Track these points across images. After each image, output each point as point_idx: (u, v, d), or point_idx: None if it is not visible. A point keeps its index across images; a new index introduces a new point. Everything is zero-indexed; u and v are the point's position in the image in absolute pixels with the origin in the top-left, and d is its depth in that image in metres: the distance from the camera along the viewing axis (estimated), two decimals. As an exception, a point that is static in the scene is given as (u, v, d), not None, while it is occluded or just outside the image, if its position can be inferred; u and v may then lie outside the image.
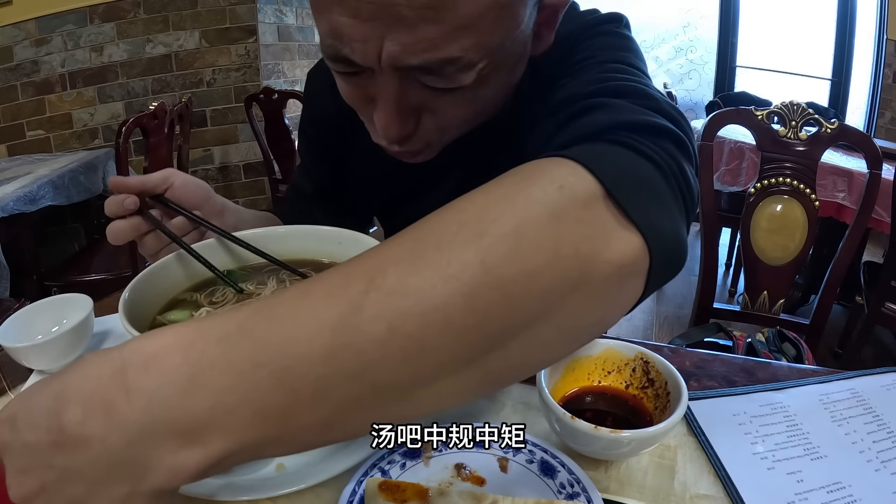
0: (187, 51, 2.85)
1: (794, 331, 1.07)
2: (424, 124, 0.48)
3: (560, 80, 0.49)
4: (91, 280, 1.89)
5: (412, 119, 0.47)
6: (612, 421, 0.48)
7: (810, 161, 1.13)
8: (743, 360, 0.62)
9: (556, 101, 0.46)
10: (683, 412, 0.43)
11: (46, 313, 0.62)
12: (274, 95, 2.81)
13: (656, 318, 2.47)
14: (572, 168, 0.31)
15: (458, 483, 0.44)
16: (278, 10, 3.07)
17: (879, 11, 3.23)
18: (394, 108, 0.44)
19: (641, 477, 0.45)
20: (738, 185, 2.23)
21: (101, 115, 2.78)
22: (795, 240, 1.16)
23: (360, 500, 0.41)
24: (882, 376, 0.57)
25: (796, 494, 0.43)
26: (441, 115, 0.47)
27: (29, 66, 2.58)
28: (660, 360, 0.49)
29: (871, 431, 0.49)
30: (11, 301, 1.62)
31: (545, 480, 0.43)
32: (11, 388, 0.57)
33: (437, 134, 0.50)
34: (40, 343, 0.56)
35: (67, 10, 2.57)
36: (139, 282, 0.51)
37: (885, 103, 3.25)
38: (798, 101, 1.13)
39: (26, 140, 2.66)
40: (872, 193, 1.10)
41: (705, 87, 3.88)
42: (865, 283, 1.80)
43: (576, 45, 0.51)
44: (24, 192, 1.84)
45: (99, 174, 2.35)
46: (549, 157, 0.33)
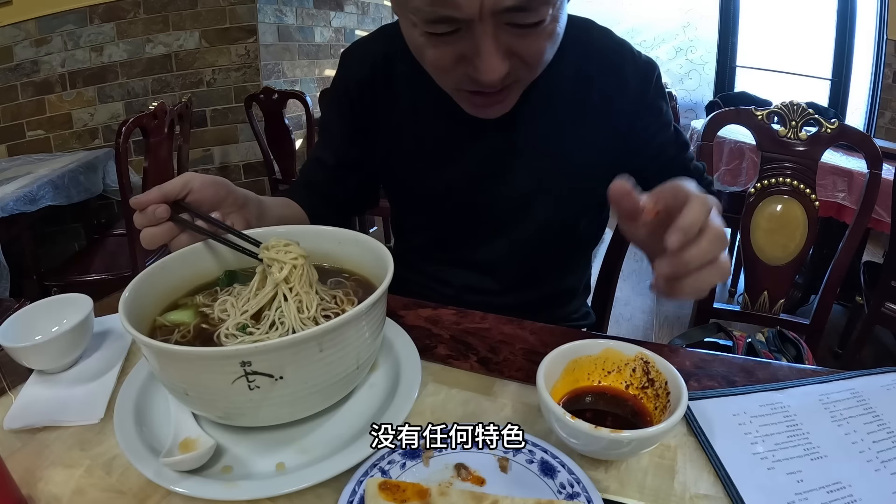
0: (187, 51, 2.85)
1: (794, 331, 1.07)
2: (514, 65, 0.58)
3: (650, 109, 0.75)
4: (91, 280, 1.89)
5: (507, 60, 0.57)
6: (612, 421, 0.48)
7: (810, 161, 1.13)
8: (743, 360, 0.62)
9: (662, 128, 0.76)
10: (683, 412, 0.43)
11: (46, 313, 0.62)
12: (274, 95, 2.81)
13: (656, 318, 2.47)
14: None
15: (458, 483, 0.44)
16: (278, 10, 3.07)
17: (879, 11, 3.23)
18: (494, 49, 0.55)
19: (641, 477, 0.45)
20: (738, 185, 2.23)
21: (101, 115, 2.78)
22: (795, 240, 1.16)
23: (360, 500, 0.41)
24: (882, 376, 0.57)
25: (796, 494, 0.43)
26: (526, 54, 0.58)
27: (29, 66, 2.58)
28: (660, 360, 0.49)
29: (871, 431, 0.49)
30: (11, 301, 1.62)
31: (545, 480, 0.43)
32: (11, 388, 0.57)
33: (524, 71, 0.61)
34: (40, 343, 0.56)
35: (67, 10, 2.57)
36: (139, 282, 0.51)
37: (885, 103, 3.25)
38: (798, 101, 1.13)
39: (26, 140, 2.66)
40: (872, 193, 1.10)
41: (705, 87, 3.89)
42: (865, 283, 1.80)
43: (642, 82, 0.73)
44: (24, 192, 1.84)
45: (99, 174, 2.35)
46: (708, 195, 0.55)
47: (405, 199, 0.87)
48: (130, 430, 0.48)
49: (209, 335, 0.51)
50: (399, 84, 0.77)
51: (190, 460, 0.43)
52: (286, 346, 0.41)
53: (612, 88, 0.72)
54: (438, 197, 0.80)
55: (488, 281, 0.84)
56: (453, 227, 0.82)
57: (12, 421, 0.51)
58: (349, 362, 0.46)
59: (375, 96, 0.78)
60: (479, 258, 0.83)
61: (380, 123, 0.79)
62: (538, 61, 0.60)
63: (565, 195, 0.77)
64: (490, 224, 0.80)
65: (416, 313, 0.70)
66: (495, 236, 0.81)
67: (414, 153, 0.79)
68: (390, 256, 0.53)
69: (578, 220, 0.82)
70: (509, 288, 0.84)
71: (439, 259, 0.86)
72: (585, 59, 0.72)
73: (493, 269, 0.83)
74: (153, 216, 0.55)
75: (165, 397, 0.51)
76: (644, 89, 0.74)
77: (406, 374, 0.54)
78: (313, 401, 0.47)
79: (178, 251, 0.57)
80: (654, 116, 0.76)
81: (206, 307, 0.55)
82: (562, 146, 0.74)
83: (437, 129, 0.76)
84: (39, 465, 0.47)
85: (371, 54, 0.78)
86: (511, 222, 0.79)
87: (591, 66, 0.72)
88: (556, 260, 0.86)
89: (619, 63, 0.73)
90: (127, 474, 0.46)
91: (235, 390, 0.42)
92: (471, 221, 0.80)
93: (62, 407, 0.54)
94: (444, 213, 0.81)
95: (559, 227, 0.80)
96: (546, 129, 0.74)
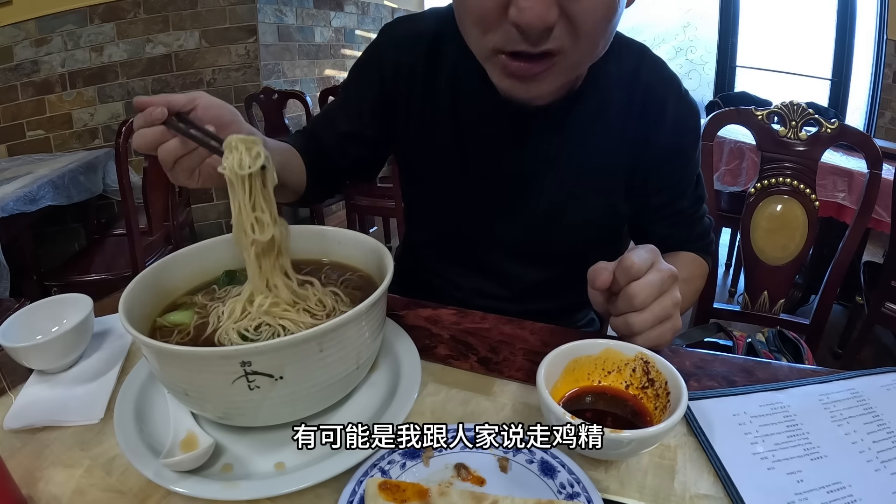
0: (187, 51, 2.85)
1: (794, 331, 1.07)
2: (561, 28, 0.54)
3: (680, 154, 0.76)
4: (91, 280, 1.89)
5: (553, 9, 0.52)
6: (613, 421, 0.48)
7: (810, 161, 1.13)
8: (743, 360, 0.62)
9: (685, 176, 0.78)
10: (683, 412, 0.43)
11: (46, 313, 0.62)
12: (274, 95, 2.82)
13: (656, 318, 2.46)
14: (706, 264, 0.84)
15: (458, 483, 0.44)
16: (278, 10, 3.07)
17: (879, 11, 3.23)
18: None
19: (641, 477, 0.45)
20: (738, 185, 2.23)
21: (101, 115, 2.78)
22: (795, 240, 1.16)
23: (360, 500, 0.41)
24: (882, 376, 0.57)
25: (796, 494, 0.43)
26: (577, 14, 0.53)
27: (29, 66, 2.58)
28: (660, 360, 0.49)
29: (871, 431, 0.49)
30: (11, 301, 1.62)
31: (545, 480, 0.43)
32: (11, 388, 0.57)
33: (570, 40, 0.55)
34: (40, 343, 0.56)
35: (67, 10, 2.57)
36: (139, 282, 0.51)
37: (885, 103, 3.25)
38: (798, 101, 1.13)
39: (26, 140, 2.66)
40: (872, 193, 1.10)
41: (705, 87, 3.88)
42: (865, 283, 1.80)
43: (680, 123, 0.73)
44: (24, 192, 1.84)
45: (99, 174, 2.35)
46: (703, 257, 0.84)
47: (425, 193, 0.84)
48: (130, 430, 0.48)
49: (209, 335, 0.51)
50: (441, 79, 0.74)
51: (189, 460, 0.43)
52: (286, 346, 0.41)
53: (651, 121, 0.71)
54: (462, 198, 0.78)
55: (499, 287, 0.82)
56: (469, 230, 0.80)
57: (12, 421, 0.51)
58: (349, 362, 0.46)
59: (413, 84, 0.74)
60: (491, 263, 0.81)
61: (411, 113, 0.76)
62: (588, 31, 0.55)
63: (591, 212, 0.76)
64: (509, 231, 0.78)
65: (416, 313, 0.70)
66: (512, 244, 0.79)
67: (446, 151, 0.76)
68: (390, 256, 0.53)
69: (597, 240, 0.80)
70: (520, 297, 0.82)
71: (448, 259, 0.84)
72: (633, 85, 0.71)
73: (504, 276, 0.81)
74: (150, 116, 0.54)
75: (165, 397, 0.51)
76: (680, 131, 0.73)
77: (406, 374, 0.54)
78: (313, 401, 0.47)
79: (177, 252, 0.57)
80: (681, 162, 0.76)
81: (206, 307, 0.55)
82: (594, 162, 0.73)
83: (479, 131, 0.74)
84: (39, 465, 0.47)
85: (416, 36, 0.74)
86: (531, 233, 0.77)
87: (636, 92, 0.71)
88: (570, 275, 0.81)
89: (662, 98, 0.72)
90: (127, 474, 0.46)
91: (235, 390, 0.42)
92: (488, 226, 0.78)
93: (62, 407, 0.54)
94: (463, 214, 0.79)
95: (580, 244, 0.78)
96: (585, 142, 0.72)
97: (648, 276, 0.53)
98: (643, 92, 0.71)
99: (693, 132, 0.76)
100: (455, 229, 0.82)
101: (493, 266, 0.81)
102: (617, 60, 0.70)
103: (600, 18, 0.54)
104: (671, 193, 0.77)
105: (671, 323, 0.55)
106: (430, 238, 0.87)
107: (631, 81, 0.71)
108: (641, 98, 0.71)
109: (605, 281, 0.54)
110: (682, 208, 0.78)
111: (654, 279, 0.53)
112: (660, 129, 0.72)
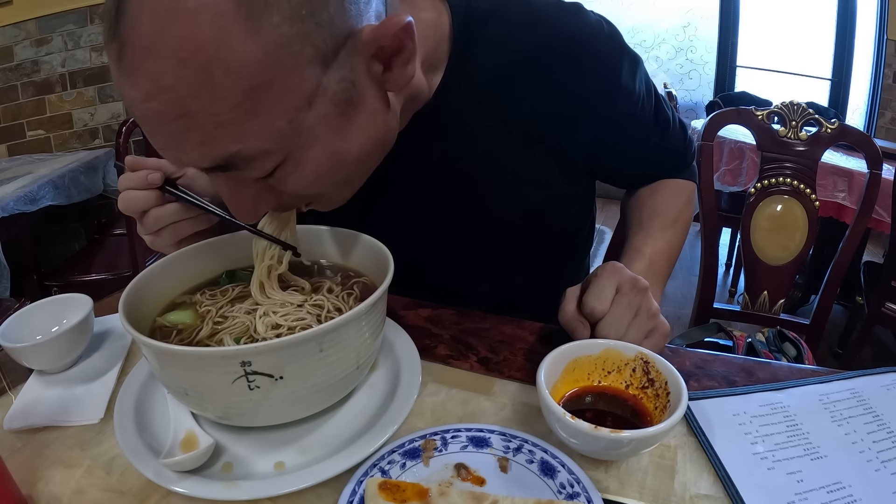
0: (187, 51, 2.84)
1: (794, 331, 1.07)
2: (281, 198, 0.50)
3: (618, 106, 0.64)
4: (91, 280, 1.89)
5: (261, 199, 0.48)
6: (612, 421, 0.48)
7: (810, 161, 1.13)
8: (743, 360, 0.62)
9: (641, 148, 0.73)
10: (683, 412, 0.43)
11: (46, 313, 0.62)
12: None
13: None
14: (689, 183, 0.82)
15: (458, 483, 0.44)
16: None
17: (879, 11, 3.23)
18: (228, 196, 0.47)
19: (641, 477, 0.45)
20: (738, 185, 2.23)
21: (101, 115, 2.78)
22: (795, 240, 1.16)
23: (360, 500, 0.41)
24: (882, 376, 0.57)
25: (796, 494, 0.43)
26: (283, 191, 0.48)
27: (29, 66, 2.58)
28: (660, 360, 0.49)
29: (871, 431, 0.49)
30: (11, 301, 1.62)
31: (545, 480, 0.43)
32: (11, 387, 0.57)
33: (299, 200, 0.52)
34: (40, 343, 0.56)
35: (67, 10, 2.57)
36: (139, 282, 0.51)
37: (885, 103, 3.25)
38: (798, 101, 1.13)
39: (26, 140, 2.66)
40: (872, 193, 1.10)
41: (705, 87, 3.88)
42: (865, 283, 1.80)
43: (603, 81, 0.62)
44: (24, 192, 1.84)
45: (99, 174, 2.35)
46: (685, 177, 0.82)
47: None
48: (130, 430, 0.48)
49: (209, 335, 0.51)
50: None
51: (189, 460, 0.43)
52: (286, 346, 0.41)
53: (553, 92, 0.61)
54: (386, 237, 0.61)
55: (478, 296, 0.74)
56: (412, 259, 0.63)
57: (12, 421, 0.51)
58: (349, 362, 0.46)
59: None
60: (452, 278, 0.74)
61: None
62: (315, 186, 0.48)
63: (508, 216, 0.69)
64: (445, 243, 0.71)
65: (416, 313, 0.70)
66: (454, 255, 0.73)
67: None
68: (390, 256, 0.53)
69: (534, 224, 0.72)
70: (510, 294, 0.77)
71: (422, 286, 0.74)
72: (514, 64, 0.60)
73: (472, 279, 0.75)
74: (144, 180, 0.53)
75: (165, 397, 0.51)
76: (606, 89, 0.62)
77: (406, 374, 0.54)
78: (313, 401, 0.47)
79: (177, 252, 0.57)
80: (626, 132, 0.68)
81: (206, 307, 0.55)
82: (494, 160, 0.65)
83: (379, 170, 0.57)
84: (39, 465, 0.47)
85: None
86: (476, 246, 0.71)
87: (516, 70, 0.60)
88: (527, 254, 0.76)
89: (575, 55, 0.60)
90: (127, 474, 0.46)
91: (235, 390, 0.42)
92: (425, 252, 0.69)
93: (62, 407, 0.54)
94: (398, 252, 0.62)
95: (513, 231, 0.71)
96: (463, 135, 0.63)
97: (613, 310, 0.53)
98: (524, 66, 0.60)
99: (615, 90, 0.63)
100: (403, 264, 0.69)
101: (455, 276, 0.74)
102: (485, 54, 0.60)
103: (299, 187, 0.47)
104: (637, 163, 0.76)
105: (657, 333, 0.54)
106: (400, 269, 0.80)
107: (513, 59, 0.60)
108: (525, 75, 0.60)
109: (582, 333, 0.54)
110: (655, 162, 0.78)
111: (620, 312, 0.53)
112: (571, 99, 0.61)
